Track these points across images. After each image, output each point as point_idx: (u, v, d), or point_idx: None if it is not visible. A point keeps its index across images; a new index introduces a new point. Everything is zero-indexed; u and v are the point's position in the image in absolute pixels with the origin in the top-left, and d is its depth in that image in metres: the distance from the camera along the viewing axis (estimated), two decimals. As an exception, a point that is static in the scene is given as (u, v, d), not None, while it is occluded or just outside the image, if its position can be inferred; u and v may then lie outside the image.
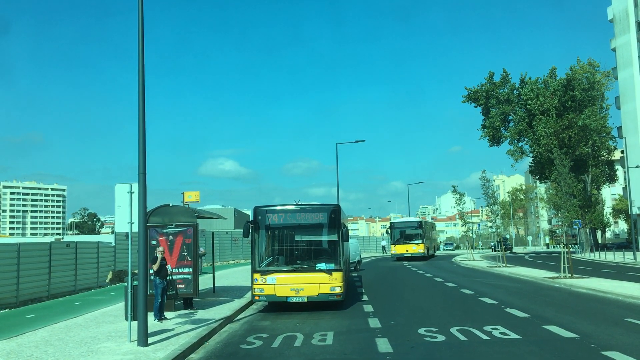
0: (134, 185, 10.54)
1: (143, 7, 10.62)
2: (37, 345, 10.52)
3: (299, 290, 14.47)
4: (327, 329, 11.93)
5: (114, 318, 13.95)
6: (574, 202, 49.91)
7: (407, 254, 44.29)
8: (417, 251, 44.26)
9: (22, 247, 19.37)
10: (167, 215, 14.84)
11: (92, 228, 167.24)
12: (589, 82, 50.45)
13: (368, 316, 13.72)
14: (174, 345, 10.14)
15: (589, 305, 15.15)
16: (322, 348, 10.07)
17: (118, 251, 26.91)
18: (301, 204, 15.67)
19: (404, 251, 44.51)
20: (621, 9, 56.38)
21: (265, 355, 9.64)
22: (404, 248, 44.56)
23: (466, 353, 9.28)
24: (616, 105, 56.87)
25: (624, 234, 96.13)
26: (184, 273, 14.59)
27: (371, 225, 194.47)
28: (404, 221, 48.72)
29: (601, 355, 8.81)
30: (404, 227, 45.95)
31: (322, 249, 15.60)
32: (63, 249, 22.41)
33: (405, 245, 44.61)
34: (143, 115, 10.51)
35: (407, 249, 44.47)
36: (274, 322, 13.40)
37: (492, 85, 53.50)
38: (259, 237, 15.12)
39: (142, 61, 10.56)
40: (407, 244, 44.62)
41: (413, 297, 17.94)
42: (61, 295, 20.85)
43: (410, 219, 50.33)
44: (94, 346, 10.30)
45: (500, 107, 53.31)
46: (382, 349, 9.77)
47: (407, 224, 46.57)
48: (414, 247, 44.33)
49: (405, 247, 44.56)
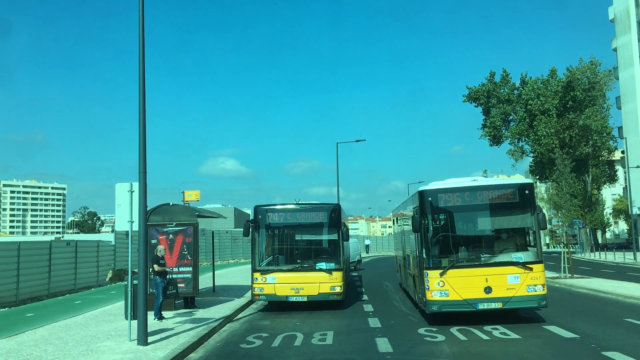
0: (134, 184, 10.53)
1: (144, 8, 10.63)
2: (36, 344, 10.51)
3: (299, 290, 14.46)
4: (327, 329, 11.92)
5: (114, 317, 13.94)
6: (574, 202, 49.91)
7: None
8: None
9: (22, 245, 19.36)
10: (167, 214, 14.83)
11: (92, 227, 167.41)
12: (589, 82, 50.44)
13: (368, 316, 13.71)
14: (174, 344, 10.13)
15: (589, 305, 15.14)
16: (322, 348, 10.06)
17: (118, 250, 26.91)
18: (301, 204, 15.69)
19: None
20: (622, 8, 56.33)
21: (265, 355, 9.63)
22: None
23: (466, 353, 9.27)
24: (617, 105, 56.81)
25: (624, 234, 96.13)
26: (184, 272, 14.59)
27: (371, 224, 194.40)
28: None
29: (601, 355, 8.79)
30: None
31: (322, 248, 15.60)
32: (63, 248, 22.42)
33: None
34: (143, 114, 10.51)
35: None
36: (274, 321, 13.39)
37: (492, 84, 53.47)
38: (259, 237, 15.11)
39: (142, 61, 10.55)
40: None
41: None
42: (61, 294, 20.85)
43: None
44: (93, 345, 10.29)
45: (500, 107, 53.29)
46: (382, 348, 9.76)
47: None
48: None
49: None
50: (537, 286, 11.29)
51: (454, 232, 12.11)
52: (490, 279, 11.28)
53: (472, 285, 11.29)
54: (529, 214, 11.65)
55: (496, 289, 11.22)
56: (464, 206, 11.87)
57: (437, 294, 11.39)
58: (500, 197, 11.82)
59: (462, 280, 11.33)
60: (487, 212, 11.98)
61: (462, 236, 12.30)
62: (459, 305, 11.33)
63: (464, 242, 12.15)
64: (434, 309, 11.46)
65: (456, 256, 11.71)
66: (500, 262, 11.50)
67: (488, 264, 11.54)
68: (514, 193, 11.88)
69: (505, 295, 11.22)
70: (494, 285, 11.24)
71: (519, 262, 11.41)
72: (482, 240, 12.33)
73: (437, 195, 11.85)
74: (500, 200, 11.82)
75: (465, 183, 12.27)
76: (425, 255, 11.69)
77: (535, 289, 11.29)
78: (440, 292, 11.37)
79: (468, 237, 12.45)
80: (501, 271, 11.33)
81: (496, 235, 12.20)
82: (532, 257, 11.48)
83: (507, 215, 11.88)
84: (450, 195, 11.86)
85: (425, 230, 11.76)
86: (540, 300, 11.38)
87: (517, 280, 11.29)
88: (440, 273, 11.38)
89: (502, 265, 11.43)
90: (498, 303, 11.24)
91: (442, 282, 11.36)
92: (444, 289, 11.36)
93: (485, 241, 12.27)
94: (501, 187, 12.03)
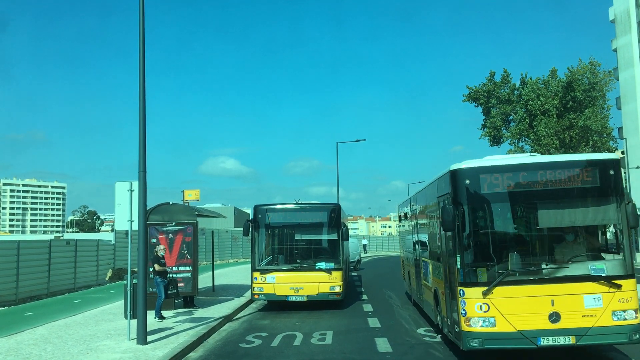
0: (134, 183, 10.53)
1: (144, 8, 10.63)
2: (36, 343, 10.51)
3: (298, 289, 14.46)
4: (326, 328, 11.93)
5: (114, 316, 13.94)
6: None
7: None
8: None
9: (21, 244, 19.36)
10: (167, 213, 14.84)
11: (92, 226, 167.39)
12: (590, 82, 50.48)
13: (367, 315, 13.72)
14: (173, 343, 10.13)
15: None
16: (322, 347, 10.06)
17: (118, 249, 26.90)
18: (301, 203, 15.69)
19: None
20: (622, 9, 56.36)
21: (265, 354, 9.63)
22: None
23: (465, 353, 9.25)
24: (617, 106, 56.83)
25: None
26: (183, 271, 14.60)
27: (371, 224, 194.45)
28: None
29: (602, 355, 8.78)
30: None
31: (322, 248, 15.60)
32: (63, 247, 22.42)
33: None
34: (143, 113, 10.51)
35: None
36: (274, 321, 13.39)
37: (493, 84, 53.51)
38: (258, 236, 15.11)
39: (142, 60, 10.55)
40: None
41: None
42: (60, 293, 20.84)
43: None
44: (93, 344, 10.29)
45: (501, 107, 53.33)
46: (381, 348, 9.77)
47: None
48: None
49: None
50: (627, 312, 7.93)
51: (503, 230, 8.74)
52: (558, 302, 7.97)
53: (531, 310, 7.93)
54: (614, 204, 8.17)
55: (567, 316, 7.94)
56: (518, 193, 8.38)
57: (478, 323, 8.01)
58: (572, 180, 8.31)
59: (516, 302, 7.98)
60: (553, 201, 8.25)
61: (515, 237, 8.74)
62: (512, 340, 7.97)
63: (518, 246, 8.58)
64: (474, 344, 8.08)
65: (506, 267, 8.21)
66: (573, 277, 8.08)
67: (554, 279, 8.08)
68: (592, 173, 8.32)
69: (581, 326, 7.91)
70: (564, 310, 7.94)
71: (600, 276, 8.06)
72: (544, 243, 8.79)
73: (478, 177, 8.33)
74: (571, 184, 8.30)
75: (519, 159, 9.02)
76: (461, 265, 8.25)
77: (625, 317, 7.92)
78: (483, 321, 8.00)
79: (523, 238, 8.78)
80: (574, 289, 8.02)
81: (563, 236, 8.67)
82: (618, 269, 8.10)
83: (582, 206, 8.33)
84: (499, 176, 8.35)
85: (460, 228, 8.26)
86: (632, 333, 7.92)
87: (599, 304, 7.97)
88: (484, 292, 8.00)
89: (575, 280, 8.07)
90: (570, 337, 7.91)
91: (487, 306, 8.02)
92: (489, 316, 8.00)
93: (549, 245, 8.75)
94: (574, 165, 8.49)
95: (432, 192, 10.63)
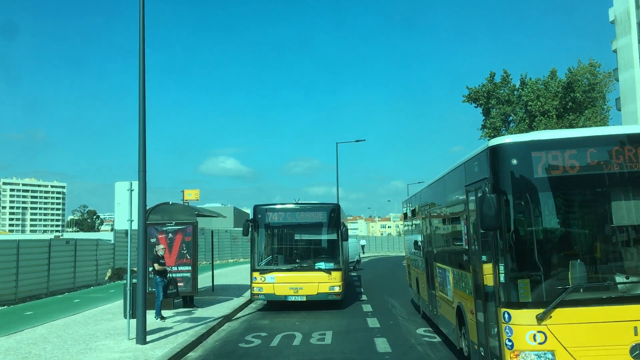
0: (134, 182, 10.54)
1: (144, 8, 10.65)
2: (35, 342, 10.51)
3: (298, 289, 14.45)
4: (326, 328, 11.92)
5: (113, 316, 13.94)
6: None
7: None
8: None
9: (21, 244, 19.36)
10: (166, 213, 14.85)
11: (91, 225, 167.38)
12: (589, 83, 50.56)
13: (367, 316, 13.70)
14: (173, 343, 10.14)
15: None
16: (321, 347, 10.07)
17: (117, 249, 26.89)
18: (301, 203, 15.68)
19: None
20: (622, 10, 56.38)
21: (264, 354, 9.64)
22: None
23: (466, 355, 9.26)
24: (617, 106, 56.81)
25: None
26: (183, 271, 14.60)
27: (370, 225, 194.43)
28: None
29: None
30: None
31: (321, 248, 15.59)
32: (62, 246, 22.42)
33: None
34: (143, 113, 10.52)
35: None
36: (273, 320, 13.39)
37: (492, 85, 53.57)
38: (258, 236, 15.12)
39: (142, 60, 10.57)
40: None
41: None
42: (60, 292, 20.84)
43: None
44: (92, 344, 10.30)
45: (500, 108, 53.38)
46: (380, 348, 9.77)
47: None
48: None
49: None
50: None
51: (565, 230, 6.37)
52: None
53: (605, 342, 5.75)
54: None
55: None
56: (585, 177, 6.04)
57: (530, 358, 5.80)
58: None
59: (583, 331, 5.80)
60: (622, 187, 6.11)
61: (581, 239, 6.38)
62: None
63: (585, 253, 6.25)
64: None
65: (569, 280, 5.93)
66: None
67: (628, 299, 5.89)
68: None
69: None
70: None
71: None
72: (619, 248, 6.29)
73: (530, 155, 6.04)
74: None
75: (575, 132, 6.91)
76: (506, 278, 5.98)
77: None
78: (538, 356, 5.78)
79: (593, 241, 6.32)
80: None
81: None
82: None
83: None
84: (558, 154, 6.01)
85: (505, 228, 5.99)
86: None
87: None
88: (539, 316, 5.80)
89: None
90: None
91: (543, 335, 5.79)
92: (547, 349, 5.78)
93: (625, 251, 6.28)
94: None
95: (456, 180, 8.42)
